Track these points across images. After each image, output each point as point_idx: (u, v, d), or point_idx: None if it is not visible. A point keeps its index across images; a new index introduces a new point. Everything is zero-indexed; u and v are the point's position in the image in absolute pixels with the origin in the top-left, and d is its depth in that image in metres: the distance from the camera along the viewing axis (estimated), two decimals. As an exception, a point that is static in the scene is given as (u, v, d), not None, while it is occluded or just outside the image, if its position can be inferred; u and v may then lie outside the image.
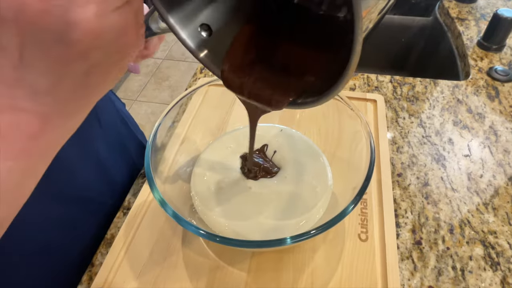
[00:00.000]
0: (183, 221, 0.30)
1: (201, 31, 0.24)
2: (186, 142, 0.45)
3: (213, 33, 0.24)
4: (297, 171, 0.42)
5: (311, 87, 0.23)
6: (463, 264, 0.38)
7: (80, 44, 0.15)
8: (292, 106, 0.23)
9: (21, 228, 0.34)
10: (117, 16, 0.15)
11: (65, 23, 0.14)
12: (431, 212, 0.43)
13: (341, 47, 0.20)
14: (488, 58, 0.65)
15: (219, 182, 0.41)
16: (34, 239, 0.36)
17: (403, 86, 0.61)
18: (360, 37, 0.15)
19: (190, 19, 0.23)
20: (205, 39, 0.24)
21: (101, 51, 0.16)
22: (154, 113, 1.78)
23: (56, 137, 0.18)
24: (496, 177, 0.46)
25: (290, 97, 0.23)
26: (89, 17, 0.14)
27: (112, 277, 0.37)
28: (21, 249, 0.35)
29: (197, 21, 0.23)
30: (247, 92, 0.24)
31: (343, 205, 0.32)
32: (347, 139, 0.42)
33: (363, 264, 0.37)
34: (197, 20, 0.23)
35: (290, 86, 0.23)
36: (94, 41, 0.15)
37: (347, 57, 0.16)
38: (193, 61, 2.10)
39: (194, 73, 0.65)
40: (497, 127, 0.53)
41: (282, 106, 0.23)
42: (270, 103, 0.24)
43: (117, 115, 0.51)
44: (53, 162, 0.37)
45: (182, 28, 0.23)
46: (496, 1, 0.81)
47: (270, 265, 0.38)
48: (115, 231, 0.43)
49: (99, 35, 0.15)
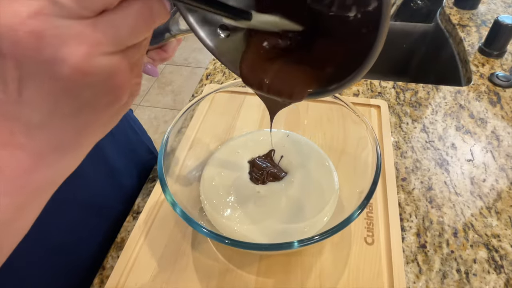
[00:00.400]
0: (194, 223, 0.31)
1: (220, 31, 0.25)
2: (194, 147, 0.46)
3: (231, 33, 0.25)
4: (304, 175, 0.42)
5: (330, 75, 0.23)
6: (468, 267, 0.39)
7: (70, 80, 0.15)
8: (313, 96, 0.24)
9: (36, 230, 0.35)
10: (107, 60, 0.16)
11: (56, 59, 0.15)
12: (435, 216, 0.44)
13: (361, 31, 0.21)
14: (490, 64, 0.67)
15: (227, 186, 0.42)
16: (48, 239, 0.37)
17: (406, 91, 0.62)
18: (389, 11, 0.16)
19: (210, 20, 0.24)
20: (224, 39, 0.25)
21: (90, 91, 0.16)
22: (157, 118, 1.79)
23: (51, 175, 0.19)
24: (499, 182, 0.47)
25: (310, 88, 0.24)
26: (78, 56, 0.15)
27: (124, 280, 0.38)
28: (35, 249, 0.36)
29: (217, 22, 0.24)
30: (266, 88, 0.25)
31: (350, 209, 0.33)
32: (352, 144, 0.43)
33: (370, 267, 0.38)
34: (216, 21, 0.24)
35: (309, 77, 0.24)
36: (83, 79, 0.15)
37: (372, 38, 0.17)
38: (196, 66, 2.11)
39: (200, 79, 0.67)
40: (499, 132, 0.54)
41: (303, 98, 0.24)
42: (291, 96, 0.25)
43: (126, 120, 0.52)
44: None
45: (202, 28, 0.24)
46: (496, 7, 0.83)
47: (278, 268, 0.39)
48: (125, 235, 0.44)
49: (87, 74, 0.15)
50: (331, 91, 0.23)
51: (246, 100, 0.54)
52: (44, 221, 0.36)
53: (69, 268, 0.41)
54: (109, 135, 0.46)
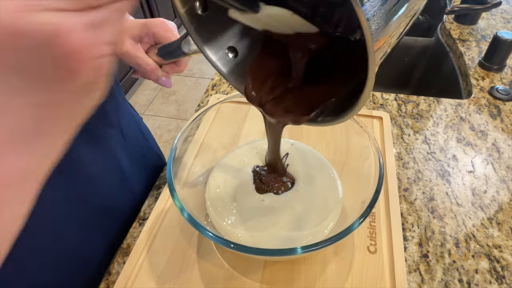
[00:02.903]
0: (201, 227, 0.32)
1: (228, 52, 0.26)
2: (200, 155, 0.47)
3: (239, 54, 0.27)
4: (309, 184, 0.43)
5: (329, 106, 0.25)
6: (469, 277, 0.39)
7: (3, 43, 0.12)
8: (311, 123, 0.25)
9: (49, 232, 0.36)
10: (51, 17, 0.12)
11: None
12: (437, 226, 0.44)
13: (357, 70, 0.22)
14: (490, 78, 0.68)
15: (232, 194, 0.43)
16: (60, 241, 0.38)
17: (407, 104, 0.63)
18: (373, 71, 0.17)
19: (219, 42, 0.25)
20: (231, 59, 0.26)
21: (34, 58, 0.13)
22: (160, 127, 1.81)
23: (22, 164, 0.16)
24: (500, 193, 0.48)
25: (308, 116, 0.25)
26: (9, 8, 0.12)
27: (130, 285, 0.39)
28: (47, 252, 0.37)
29: (225, 44, 0.26)
30: (268, 110, 0.26)
31: (353, 217, 0.33)
32: (355, 154, 0.44)
33: (372, 276, 0.38)
34: (225, 43, 0.26)
35: (308, 105, 0.25)
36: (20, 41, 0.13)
37: (363, 81, 0.18)
38: (200, 76, 2.14)
39: (206, 90, 0.68)
40: (500, 144, 0.55)
41: (300, 124, 0.25)
42: (289, 121, 0.26)
43: (137, 127, 0.54)
44: (80, 171, 0.40)
45: (211, 50, 0.25)
46: (496, 23, 0.85)
47: (282, 275, 0.39)
48: (131, 241, 0.44)
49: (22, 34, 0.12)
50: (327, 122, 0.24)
51: (251, 110, 0.55)
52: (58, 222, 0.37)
53: (75, 273, 0.41)
54: (122, 140, 0.48)
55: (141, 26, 0.42)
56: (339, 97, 0.24)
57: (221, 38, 0.25)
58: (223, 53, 0.26)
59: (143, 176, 0.52)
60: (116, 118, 0.46)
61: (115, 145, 0.45)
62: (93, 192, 0.41)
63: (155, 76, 0.44)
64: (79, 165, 0.39)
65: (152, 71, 0.43)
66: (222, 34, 0.25)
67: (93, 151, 0.41)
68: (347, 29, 0.23)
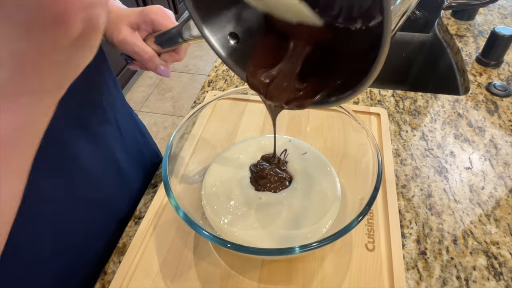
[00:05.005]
0: (197, 226, 0.31)
1: (229, 39, 0.26)
2: (196, 152, 0.47)
3: (240, 40, 0.26)
4: (307, 181, 0.43)
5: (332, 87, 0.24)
6: (467, 274, 0.39)
7: None
8: (315, 105, 0.25)
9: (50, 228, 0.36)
10: None
11: None
12: (435, 223, 0.44)
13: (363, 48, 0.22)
14: (487, 74, 0.68)
15: (229, 192, 0.42)
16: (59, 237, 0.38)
17: (405, 100, 0.63)
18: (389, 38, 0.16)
19: (221, 28, 0.25)
20: (233, 46, 0.26)
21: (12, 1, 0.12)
22: (156, 124, 1.79)
23: None
24: (497, 189, 0.48)
25: (312, 99, 0.24)
26: None
27: (126, 285, 0.38)
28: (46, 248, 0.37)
29: (227, 30, 0.25)
30: (269, 95, 0.26)
31: (351, 215, 0.33)
32: (352, 151, 0.43)
33: (371, 273, 0.38)
34: (226, 29, 0.25)
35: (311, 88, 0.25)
36: None
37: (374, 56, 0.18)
38: (196, 73, 2.13)
39: (202, 86, 0.67)
40: (497, 140, 0.55)
41: (304, 108, 0.25)
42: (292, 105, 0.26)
43: (135, 124, 0.53)
44: (78, 168, 0.39)
45: (213, 36, 0.25)
46: (493, 18, 0.84)
47: (280, 274, 0.39)
48: (126, 240, 0.44)
49: None
50: (331, 103, 0.24)
51: (248, 107, 0.54)
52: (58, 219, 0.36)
53: (71, 271, 0.41)
54: (119, 136, 0.47)
55: (139, 13, 0.41)
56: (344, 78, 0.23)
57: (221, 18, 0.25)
58: (223, 35, 0.25)
59: (140, 173, 0.52)
60: (113, 114, 0.45)
61: (112, 141, 0.44)
62: (91, 189, 0.41)
63: (153, 64, 0.42)
64: (76, 161, 0.38)
65: (150, 59, 0.41)
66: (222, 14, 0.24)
67: (91, 147, 0.40)
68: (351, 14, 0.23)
